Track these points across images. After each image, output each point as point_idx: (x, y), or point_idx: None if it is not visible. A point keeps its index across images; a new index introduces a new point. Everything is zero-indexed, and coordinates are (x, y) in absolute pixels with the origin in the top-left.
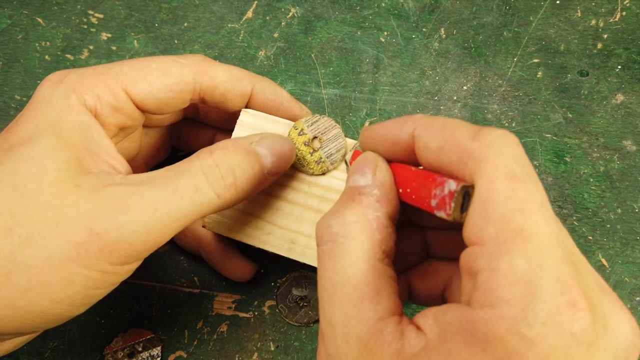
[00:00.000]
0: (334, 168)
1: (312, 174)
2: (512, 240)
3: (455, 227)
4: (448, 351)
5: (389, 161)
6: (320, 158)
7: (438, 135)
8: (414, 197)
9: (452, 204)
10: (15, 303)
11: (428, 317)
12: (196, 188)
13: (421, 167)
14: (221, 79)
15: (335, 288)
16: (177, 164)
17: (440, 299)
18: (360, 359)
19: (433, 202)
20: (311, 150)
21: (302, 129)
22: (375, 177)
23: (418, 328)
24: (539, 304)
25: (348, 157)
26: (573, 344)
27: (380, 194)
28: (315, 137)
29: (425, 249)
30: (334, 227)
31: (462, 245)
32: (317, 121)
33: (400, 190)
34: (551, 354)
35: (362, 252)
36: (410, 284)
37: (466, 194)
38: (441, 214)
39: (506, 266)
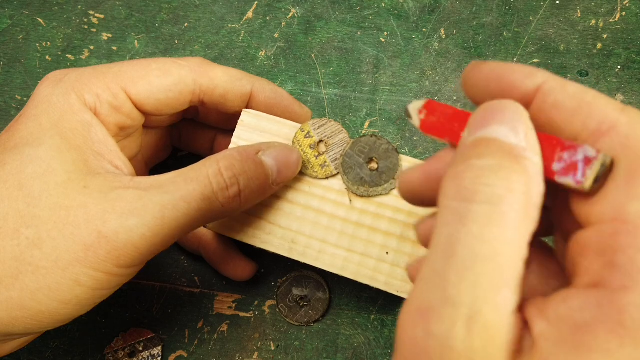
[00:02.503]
0: (338, 173)
1: (316, 177)
2: None
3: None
4: (586, 344)
5: None
6: (325, 162)
7: (576, 97)
8: None
9: (588, 171)
10: (24, 304)
11: (533, 308)
12: (203, 197)
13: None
14: (220, 80)
15: (476, 262)
16: (185, 169)
17: None
18: (481, 352)
19: (557, 166)
20: (316, 154)
21: (308, 132)
22: (529, 140)
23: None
24: None
25: (414, 107)
26: None
27: (540, 164)
28: (321, 141)
29: None
30: (497, 189)
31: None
32: (324, 125)
33: None
34: None
35: (521, 230)
36: None
37: (604, 165)
38: (567, 179)
39: None
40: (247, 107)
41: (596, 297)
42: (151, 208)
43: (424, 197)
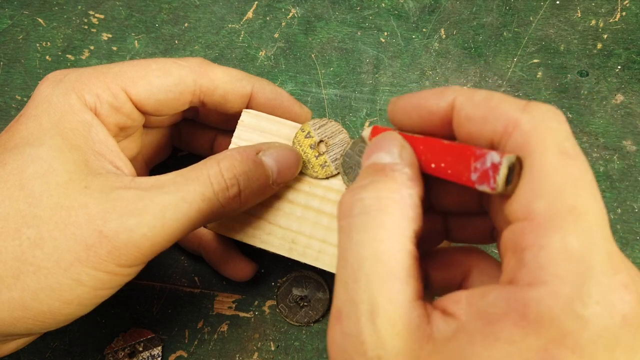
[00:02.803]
0: (338, 173)
1: (316, 177)
2: (564, 217)
3: (478, 212)
4: (494, 334)
5: (420, 134)
6: (325, 162)
7: (482, 105)
8: (449, 171)
9: (497, 177)
10: (26, 304)
11: (459, 302)
12: (203, 197)
13: (454, 142)
14: (220, 80)
15: (362, 263)
16: (185, 170)
17: (457, 288)
18: (388, 340)
19: (473, 176)
20: (316, 154)
21: (309, 132)
22: (403, 156)
23: (444, 313)
24: (594, 283)
25: (366, 134)
26: (622, 325)
27: (411, 173)
28: (321, 141)
29: (442, 235)
30: (367, 200)
31: (484, 231)
32: (324, 125)
33: (433, 165)
34: (603, 335)
35: (396, 228)
36: (427, 272)
37: (512, 166)
38: (484, 187)
39: (559, 243)
40: (247, 108)
41: (507, 293)
42: (152, 208)
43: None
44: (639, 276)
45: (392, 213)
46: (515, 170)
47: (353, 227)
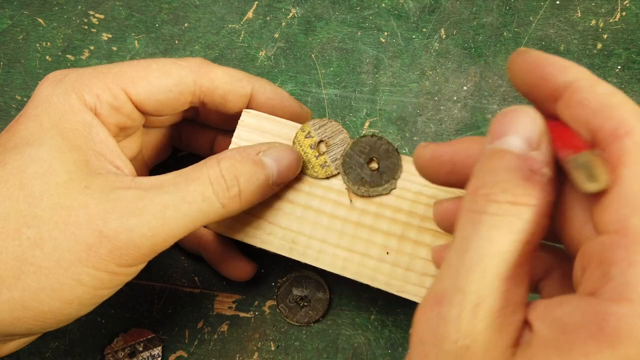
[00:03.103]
0: (338, 173)
1: (316, 177)
2: None
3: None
4: (569, 343)
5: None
6: (325, 162)
7: (602, 97)
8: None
9: (581, 176)
10: (27, 304)
11: (536, 309)
12: (203, 197)
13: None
14: (221, 80)
15: (484, 258)
16: (186, 170)
17: (534, 289)
18: (482, 334)
19: (570, 164)
20: (317, 154)
21: (309, 132)
22: (542, 149)
23: (526, 321)
24: None
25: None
26: None
27: (550, 176)
28: (321, 141)
29: None
30: (503, 204)
31: (571, 231)
32: (324, 125)
33: None
34: None
35: (527, 234)
36: None
37: (591, 167)
38: (573, 178)
39: None
40: (247, 108)
41: (586, 304)
42: (152, 208)
43: (430, 173)
44: None
45: (528, 220)
46: (601, 172)
47: (484, 222)
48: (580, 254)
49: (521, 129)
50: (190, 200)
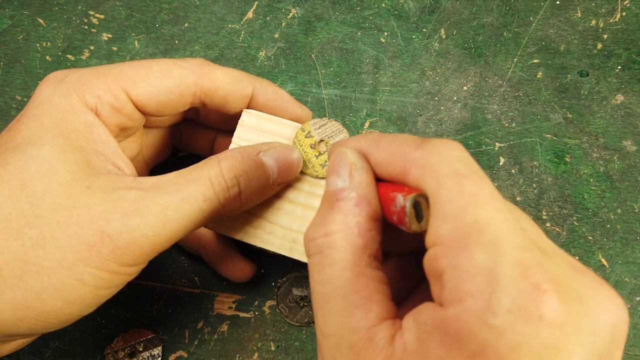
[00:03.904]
0: None
1: (317, 177)
2: (469, 234)
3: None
4: (426, 353)
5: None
6: (326, 161)
7: (385, 150)
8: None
9: (407, 219)
10: (29, 304)
11: (409, 318)
12: (204, 197)
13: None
14: (222, 81)
15: (325, 300)
16: (186, 170)
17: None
18: None
19: (394, 217)
20: (317, 153)
21: (309, 132)
22: (352, 177)
23: (401, 330)
24: (502, 292)
25: None
26: (544, 326)
27: (358, 196)
28: (322, 140)
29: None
30: (319, 240)
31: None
32: (324, 124)
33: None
34: (523, 341)
35: (347, 261)
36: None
37: (416, 204)
38: (403, 228)
39: (466, 260)
40: (248, 108)
41: (433, 313)
42: (153, 209)
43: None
44: (578, 271)
45: (340, 248)
46: (423, 206)
47: (312, 266)
48: (425, 270)
49: (337, 168)
50: (191, 200)
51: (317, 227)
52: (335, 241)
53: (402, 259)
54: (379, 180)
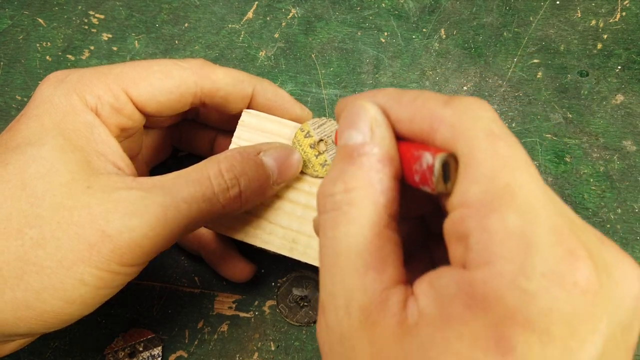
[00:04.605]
0: None
1: (316, 176)
2: (500, 196)
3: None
4: (448, 316)
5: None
6: (326, 161)
7: (408, 106)
8: (403, 174)
9: (434, 178)
10: (29, 304)
11: (423, 282)
12: (204, 198)
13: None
14: (222, 82)
15: (337, 257)
16: (186, 170)
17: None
18: (361, 331)
19: (416, 177)
20: (316, 153)
21: (308, 131)
22: (374, 133)
23: (414, 295)
24: (537, 256)
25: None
26: (577, 293)
27: (381, 153)
28: (321, 140)
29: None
30: (337, 196)
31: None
32: (324, 124)
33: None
34: (554, 307)
35: (367, 219)
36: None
37: (445, 164)
38: (426, 188)
39: (498, 222)
40: (248, 108)
41: (457, 275)
42: (153, 209)
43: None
44: (603, 242)
45: (362, 205)
46: (451, 167)
47: (327, 223)
48: (444, 233)
49: (357, 123)
50: (191, 201)
51: (336, 182)
52: (356, 198)
53: (403, 224)
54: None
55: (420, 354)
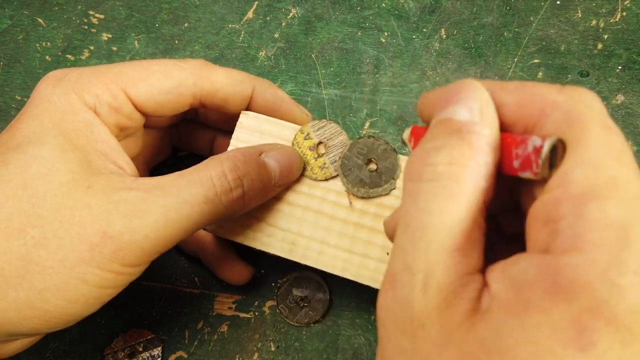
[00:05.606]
0: (337, 175)
1: (315, 179)
2: (604, 186)
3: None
4: (526, 302)
5: None
6: (325, 164)
7: (515, 92)
8: None
9: (540, 161)
10: (32, 303)
11: (494, 271)
12: (206, 199)
13: None
14: (222, 83)
15: (426, 231)
16: (187, 171)
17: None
18: (435, 310)
19: (516, 163)
20: (316, 155)
21: (308, 133)
22: (484, 114)
23: (486, 284)
24: (632, 252)
25: (406, 135)
26: None
27: (492, 135)
28: (320, 143)
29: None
30: (439, 167)
31: (525, 197)
32: (323, 126)
33: None
34: None
35: (467, 199)
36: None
37: (554, 149)
38: (526, 174)
39: (597, 211)
40: (247, 109)
41: (539, 260)
42: (154, 210)
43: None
44: None
45: (465, 183)
46: (558, 153)
47: (421, 192)
48: (529, 216)
49: (462, 98)
50: (192, 202)
51: (440, 152)
52: (461, 174)
53: None
54: None
55: (494, 341)
